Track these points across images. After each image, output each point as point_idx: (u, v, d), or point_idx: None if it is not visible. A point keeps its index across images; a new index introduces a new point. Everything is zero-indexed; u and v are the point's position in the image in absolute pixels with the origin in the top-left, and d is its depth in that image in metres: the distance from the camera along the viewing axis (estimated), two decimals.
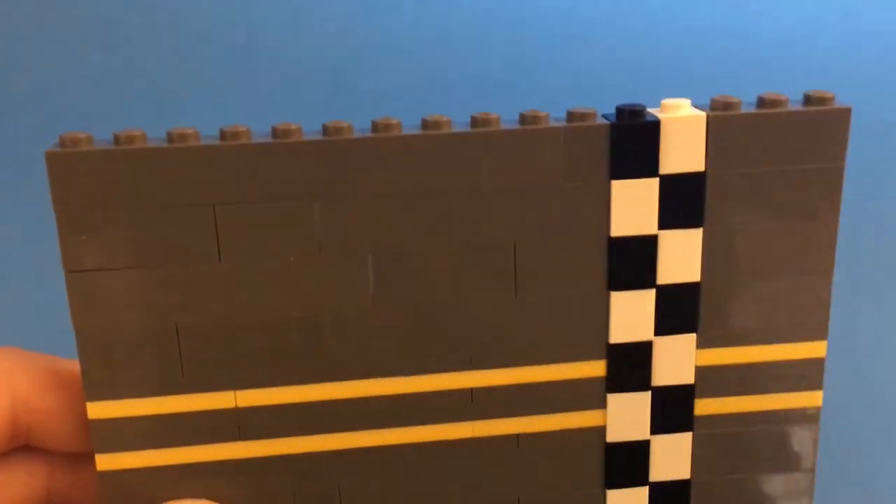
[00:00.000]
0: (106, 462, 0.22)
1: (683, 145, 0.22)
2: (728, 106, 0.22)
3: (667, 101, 0.22)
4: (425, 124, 0.21)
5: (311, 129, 0.21)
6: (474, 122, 0.21)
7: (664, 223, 0.22)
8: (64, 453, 0.24)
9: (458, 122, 0.22)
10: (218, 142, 0.21)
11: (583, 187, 0.22)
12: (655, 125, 0.22)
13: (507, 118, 0.22)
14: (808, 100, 0.22)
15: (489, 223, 0.22)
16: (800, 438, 0.24)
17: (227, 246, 0.21)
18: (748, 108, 0.22)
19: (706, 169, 0.22)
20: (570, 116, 0.21)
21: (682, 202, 0.22)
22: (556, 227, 0.22)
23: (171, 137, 0.20)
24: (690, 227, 0.22)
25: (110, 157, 0.20)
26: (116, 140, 0.20)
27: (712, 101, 0.22)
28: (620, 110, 0.22)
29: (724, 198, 0.22)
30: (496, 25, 0.65)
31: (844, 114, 0.22)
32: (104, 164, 0.20)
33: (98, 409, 0.22)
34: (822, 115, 0.22)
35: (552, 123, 0.21)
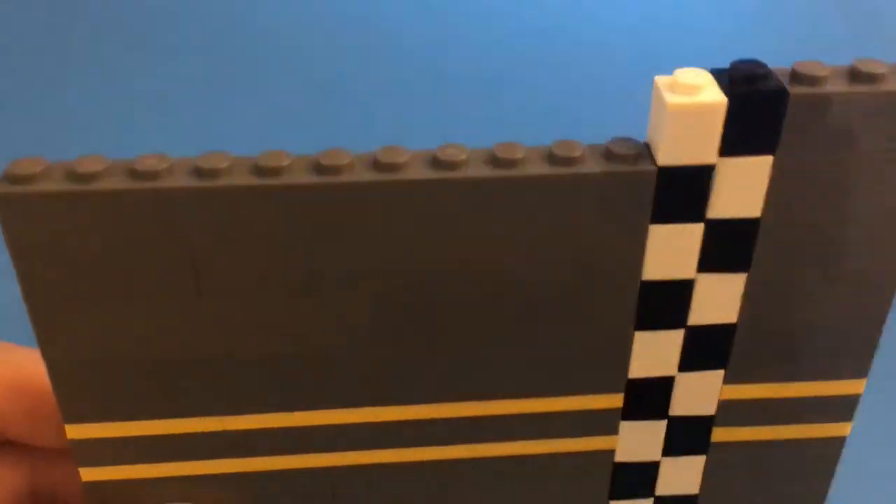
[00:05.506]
0: (89, 474, 0.21)
1: (739, 189, 0.19)
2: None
3: None
4: (437, 162, 0.18)
5: (306, 146, 0.18)
6: (496, 161, 0.18)
7: (704, 267, 0.20)
8: (46, 448, 0.23)
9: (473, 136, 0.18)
10: (195, 180, 0.18)
11: (618, 232, 0.19)
12: (709, 168, 0.18)
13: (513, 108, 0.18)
14: None
15: (507, 269, 0.19)
16: (819, 463, 0.23)
17: (209, 284, 0.19)
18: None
19: (762, 216, 0.19)
20: (610, 155, 0.18)
21: (729, 248, 0.19)
22: (583, 272, 0.19)
23: (137, 174, 0.17)
24: (734, 272, 0.20)
25: (67, 198, 0.17)
26: (74, 175, 0.17)
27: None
28: None
29: (779, 244, 0.19)
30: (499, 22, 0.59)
31: None
32: (61, 206, 0.17)
33: (77, 430, 0.20)
34: None
35: (588, 164, 0.18)
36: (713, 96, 0.17)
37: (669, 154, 0.18)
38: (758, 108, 0.18)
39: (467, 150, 0.18)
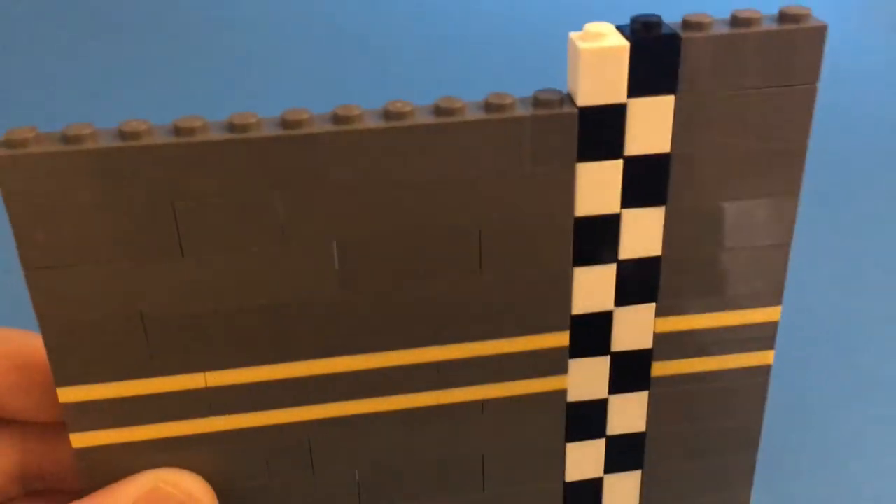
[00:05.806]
0: (80, 440, 0.23)
1: (649, 127, 0.21)
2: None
3: None
4: (388, 114, 0.20)
5: (276, 113, 0.21)
6: (438, 110, 0.21)
7: (627, 202, 0.22)
8: (36, 424, 0.24)
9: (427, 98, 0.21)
10: (173, 137, 0.20)
11: (549, 172, 0.21)
12: (621, 107, 0.21)
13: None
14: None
15: (454, 210, 0.21)
16: (750, 393, 0.25)
17: (189, 240, 0.21)
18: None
19: (672, 150, 0.22)
20: (537, 102, 0.21)
21: (647, 182, 0.22)
22: (522, 211, 0.22)
23: (123, 134, 0.20)
24: (653, 206, 0.22)
25: (59, 158, 0.20)
26: (65, 138, 0.20)
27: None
28: None
29: (689, 176, 0.22)
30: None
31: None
32: (54, 166, 0.20)
33: (68, 394, 0.22)
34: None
35: (519, 110, 0.21)
36: (617, 41, 0.20)
37: (586, 96, 0.21)
38: (655, 51, 0.21)
39: (413, 104, 0.21)
